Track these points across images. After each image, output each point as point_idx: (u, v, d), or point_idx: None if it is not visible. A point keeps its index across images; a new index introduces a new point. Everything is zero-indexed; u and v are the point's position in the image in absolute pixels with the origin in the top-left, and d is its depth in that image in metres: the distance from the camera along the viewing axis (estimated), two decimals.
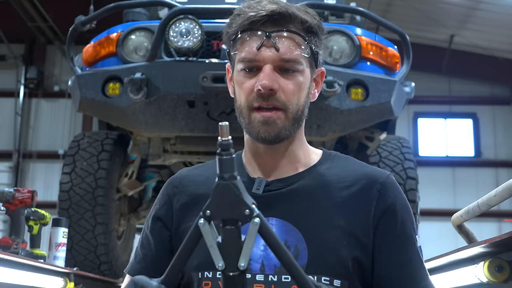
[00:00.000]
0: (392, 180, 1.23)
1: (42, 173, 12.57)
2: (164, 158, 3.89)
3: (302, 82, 1.20)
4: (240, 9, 1.22)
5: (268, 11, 1.17)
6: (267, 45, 1.17)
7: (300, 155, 1.26)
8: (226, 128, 0.90)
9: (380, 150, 3.79)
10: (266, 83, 1.16)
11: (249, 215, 0.90)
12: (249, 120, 1.20)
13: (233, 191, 0.90)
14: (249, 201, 0.91)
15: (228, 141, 0.90)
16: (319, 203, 1.19)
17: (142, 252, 1.31)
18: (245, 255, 0.89)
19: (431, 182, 11.24)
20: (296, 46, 1.18)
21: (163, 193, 1.32)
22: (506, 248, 1.62)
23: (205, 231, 0.90)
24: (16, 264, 2.24)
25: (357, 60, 3.45)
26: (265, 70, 1.17)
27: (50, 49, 13.04)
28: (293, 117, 1.20)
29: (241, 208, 0.89)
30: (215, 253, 0.90)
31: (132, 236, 4.84)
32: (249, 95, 1.19)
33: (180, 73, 3.29)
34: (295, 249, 1.15)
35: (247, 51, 1.18)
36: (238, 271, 0.89)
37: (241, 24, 1.19)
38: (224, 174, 0.90)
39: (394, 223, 1.18)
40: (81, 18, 3.50)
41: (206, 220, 0.90)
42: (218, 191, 0.90)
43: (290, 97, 1.18)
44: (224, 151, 0.90)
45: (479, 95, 13.14)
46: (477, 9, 10.79)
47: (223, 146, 0.90)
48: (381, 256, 1.17)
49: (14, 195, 2.72)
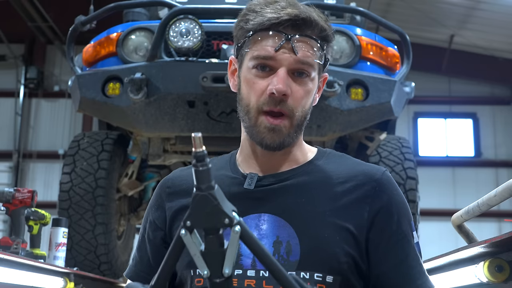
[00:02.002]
0: (387, 177, 1.22)
1: (42, 173, 12.57)
2: (164, 158, 3.89)
3: (311, 88, 1.20)
4: (257, 5, 1.19)
5: (292, 16, 1.16)
6: (286, 47, 1.16)
7: (297, 154, 1.26)
8: (199, 139, 0.90)
9: (380, 150, 3.79)
10: (281, 88, 1.14)
11: (229, 224, 0.90)
12: (255, 123, 1.19)
13: (211, 201, 0.90)
14: (229, 209, 0.91)
15: (202, 152, 0.90)
16: (312, 198, 1.18)
17: (139, 255, 1.31)
18: (228, 262, 0.90)
19: (431, 182, 11.24)
20: (312, 51, 1.17)
21: (156, 194, 1.32)
22: (506, 248, 1.62)
23: (187, 241, 0.91)
24: (16, 264, 2.24)
25: (357, 60, 3.45)
26: (280, 73, 1.16)
27: (50, 49, 13.05)
28: (297, 124, 1.19)
29: (220, 218, 0.90)
30: (200, 262, 0.91)
31: (132, 236, 4.84)
32: (260, 96, 1.17)
33: (180, 73, 3.29)
34: (287, 244, 1.14)
35: (264, 50, 1.16)
36: (223, 277, 0.90)
37: (261, 23, 1.17)
38: (201, 185, 0.90)
39: (390, 220, 1.18)
40: (81, 18, 3.50)
41: (187, 230, 0.91)
42: (196, 202, 0.90)
43: (298, 104, 1.18)
44: (199, 163, 0.89)
45: (479, 95, 13.15)
46: (477, 9, 10.79)
47: (198, 158, 0.90)
48: (377, 254, 1.16)
49: (14, 195, 2.72)
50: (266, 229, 1.17)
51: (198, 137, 0.89)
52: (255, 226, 1.17)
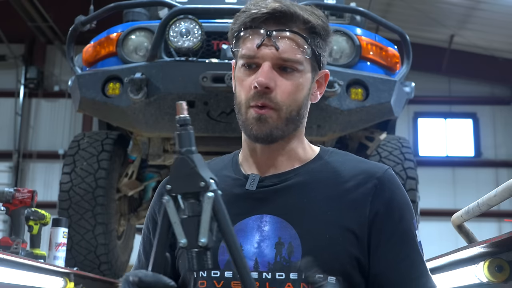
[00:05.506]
0: (389, 175, 1.21)
1: (42, 173, 12.57)
2: (164, 158, 3.89)
3: (301, 83, 1.20)
4: (246, 6, 1.22)
5: (270, 9, 1.17)
6: (267, 43, 1.17)
7: (299, 153, 1.25)
8: (182, 105, 0.94)
9: (380, 150, 3.79)
10: (262, 80, 1.16)
11: (204, 188, 0.89)
12: (245, 117, 1.20)
13: (189, 164, 0.91)
14: (206, 174, 0.91)
15: (185, 118, 0.93)
16: (314, 199, 1.18)
17: (144, 255, 1.31)
18: (203, 231, 0.88)
19: (431, 182, 11.24)
20: (296, 46, 1.18)
21: (158, 194, 1.32)
22: (506, 248, 1.62)
23: (169, 207, 0.90)
24: (16, 264, 2.24)
25: (357, 60, 3.45)
26: (263, 67, 1.17)
27: (50, 49, 13.05)
28: (286, 118, 1.19)
29: (196, 181, 0.90)
30: (178, 230, 0.89)
31: (132, 236, 4.84)
32: (248, 92, 1.19)
33: (180, 73, 3.29)
34: (289, 246, 1.14)
35: (248, 48, 1.18)
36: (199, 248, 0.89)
37: (244, 21, 1.19)
38: (181, 149, 0.92)
39: (391, 218, 1.17)
40: (81, 18, 3.50)
41: (170, 197, 0.91)
42: (175, 165, 0.92)
43: (285, 97, 1.18)
44: (181, 127, 0.93)
45: (479, 95, 13.15)
46: (477, 9, 10.79)
47: (180, 122, 0.93)
48: (379, 252, 1.16)
49: (14, 195, 2.72)
50: (268, 230, 1.16)
51: (182, 103, 0.94)
52: (257, 227, 1.17)
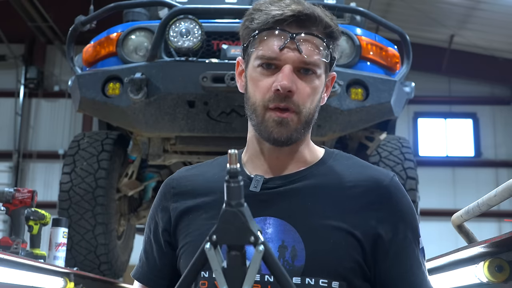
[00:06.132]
0: (395, 183, 1.21)
1: (42, 173, 12.58)
2: (164, 158, 3.89)
3: (318, 86, 1.19)
4: (262, 4, 1.19)
5: (295, 12, 1.15)
6: (290, 46, 1.15)
7: (305, 155, 1.24)
8: (234, 156, 0.91)
9: (380, 150, 3.79)
10: (286, 84, 1.14)
11: (254, 242, 0.90)
12: (262, 119, 1.18)
13: (240, 218, 0.91)
14: (255, 228, 0.92)
15: (236, 169, 0.91)
16: (318, 202, 1.17)
17: (145, 256, 1.31)
18: (248, 281, 0.90)
19: (431, 182, 11.24)
20: (317, 50, 1.17)
21: (160, 194, 1.31)
22: (506, 248, 1.62)
23: (210, 256, 0.92)
24: (16, 264, 2.24)
25: (357, 60, 3.45)
26: (285, 70, 1.15)
27: (50, 49, 13.05)
28: (305, 121, 1.18)
29: (246, 235, 0.91)
30: (220, 278, 0.91)
31: (132, 236, 4.84)
32: (266, 94, 1.17)
33: (180, 73, 3.29)
34: (292, 249, 1.13)
35: (269, 49, 1.16)
36: None
37: (265, 21, 1.16)
38: (231, 201, 0.91)
39: (396, 229, 1.17)
40: (81, 18, 3.50)
41: (212, 245, 0.92)
42: (224, 217, 0.91)
43: (305, 100, 1.17)
44: (232, 179, 0.91)
45: (479, 95, 13.15)
46: (477, 9, 10.79)
47: (232, 174, 0.91)
48: (383, 262, 1.15)
49: (14, 195, 2.72)
50: (272, 233, 1.16)
51: (234, 154, 0.91)
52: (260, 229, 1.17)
